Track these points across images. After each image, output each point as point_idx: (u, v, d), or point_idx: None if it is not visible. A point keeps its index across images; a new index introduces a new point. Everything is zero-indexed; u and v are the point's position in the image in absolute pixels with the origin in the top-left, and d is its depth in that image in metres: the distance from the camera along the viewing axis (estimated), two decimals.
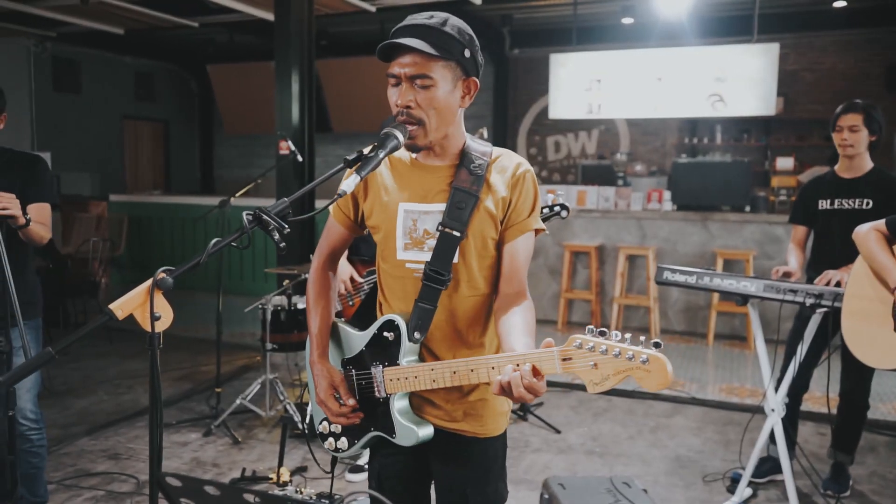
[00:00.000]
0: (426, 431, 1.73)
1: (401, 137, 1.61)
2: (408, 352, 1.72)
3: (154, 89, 11.96)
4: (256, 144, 12.50)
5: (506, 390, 1.44)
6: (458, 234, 1.69)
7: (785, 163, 7.22)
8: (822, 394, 4.99)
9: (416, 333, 1.71)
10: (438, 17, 1.66)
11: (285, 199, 1.45)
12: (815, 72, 9.45)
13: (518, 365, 1.43)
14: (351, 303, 3.58)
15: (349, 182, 1.52)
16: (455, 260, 1.71)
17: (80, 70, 10.66)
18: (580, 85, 7.71)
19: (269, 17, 7.71)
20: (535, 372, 1.42)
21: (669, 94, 7.36)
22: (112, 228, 9.11)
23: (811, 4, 8.34)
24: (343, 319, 1.95)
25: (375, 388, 1.76)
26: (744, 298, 3.24)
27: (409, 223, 1.74)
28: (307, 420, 1.97)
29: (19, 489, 2.80)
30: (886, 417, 4.71)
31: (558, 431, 4.47)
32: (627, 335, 1.33)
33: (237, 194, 4.51)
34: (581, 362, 1.36)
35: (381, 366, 1.74)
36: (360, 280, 3.53)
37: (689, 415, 4.86)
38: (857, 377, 3.55)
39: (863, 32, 9.07)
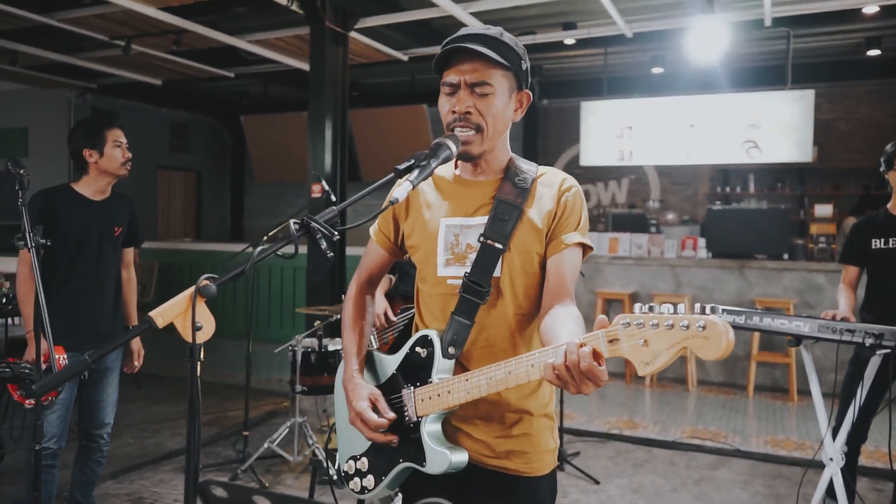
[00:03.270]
0: (459, 457, 1.58)
1: (453, 147, 1.55)
2: (441, 369, 1.60)
3: (188, 140, 12.23)
4: (286, 193, 12.64)
5: (562, 378, 1.28)
6: (500, 246, 1.60)
7: (823, 210, 7.07)
8: (875, 448, 4.77)
9: (450, 349, 1.60)
10: (494, 28, 1.65)
11: (333, 207, 1.39)
12: (850, 121, 9.36)
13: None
14: (385, 339, 3.49)
15: (401, 189, 1.45)
16: (497, 273, 1.62)
17: (118, 120, 10.94)
18: (611, 132, 7.69)
19: (304, 66, 7.88)
20: (595, 355, 1.26)
21: (702, 140, 7.30)
22: (143, 274, 9.17)
23: (844, 54, 8.30)
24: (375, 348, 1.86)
25: (406, 413, 1.63)
26: (797, 339, 3.09)
27: (450, 238, 1.67)
28: (335, 465, 1.84)
29: (74, 493, 3.17)
30: None
31: (597, 482, 4.26)
32: (681, 305, 1.20)
33: (269, 234, 4.48)
34: (629, 342, 1.22)
35: (412, 387, 1.63)
36: (395, 318, 3.45)
37: (735, 468, 4.63)
38: None
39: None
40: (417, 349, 1.64)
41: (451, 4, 5.81)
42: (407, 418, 1.63)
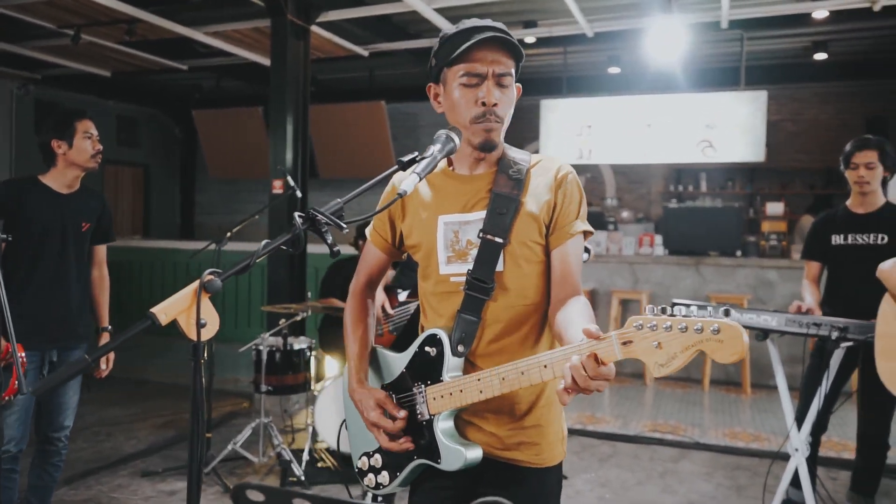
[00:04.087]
0: (474, 453, 1.59)
1: (457, 140, 1.54)
2: (452, 367, 1.60)
3: (136, 134, 11.85)
4: (240, 189, 12.38)
5: (577, 391, 1.28)
6: (500, 240, 1.59)
7: (775, 208, 7.28)
8: (826, 437, 4.92)
9: (459, 347, 1.60)
10: (496, 23, 1.63)
11: (339, 199, 1.35)
12: (797, 122, 9.66)
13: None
14: (380, 332, 3.45)
15: (409, 182, 1.42)
16: (500, 268, 1.61)
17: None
18: (571, 130, 7.76)
19: (262, 60, 7.73)
20: (597, 361, 1.26)
21: (660, 140, 7.43)
22: None
23: (793, 57, 8.55)
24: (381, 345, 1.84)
25: (418, 411, 1.63)
26: (764, 333, 3.16)
27: (450, 235, 1.65)
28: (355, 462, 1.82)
29: (31, 499, 3.07)
30: None
31: (565, 477, 4.29)
32: (693, 307, 1.22)
33: (233, 230, 4.36)
34: (643, 344, 1.23)
35: (422, 385, 1.62)
36: (392, 311, 3.43)
37: (696, 460, 4.72)
38: (875, 418, 3.46)
39: (842, 85, 9.32)
40: (427, 348, 1.63)
41: (415, 0, 5.77)
42: (419, 416, 1.62)
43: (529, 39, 7.40)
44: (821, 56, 8.08)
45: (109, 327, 3.16)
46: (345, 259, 5.29)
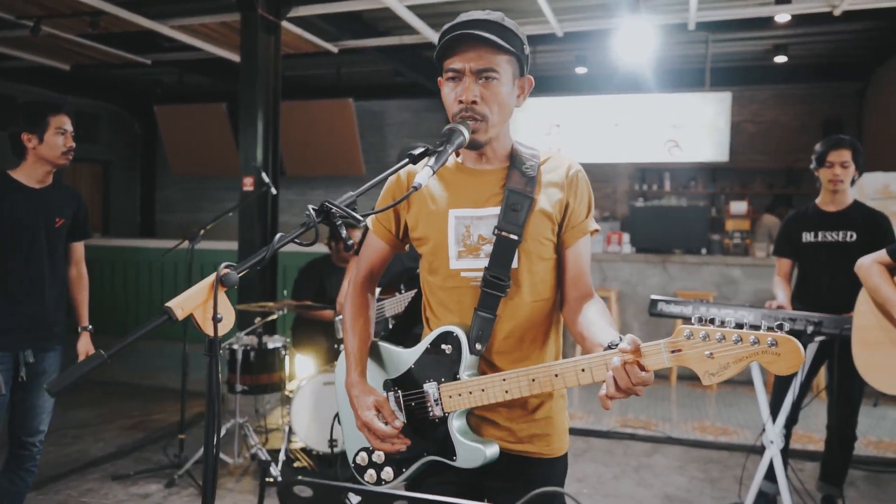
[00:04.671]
0: (493, 451, 1.59)
1: (466, 133, 1.53)
2: (468, 365, 1.59)
3: (95, 129, 11.54)
4: (204, 187, 12.16)
5: (619, 396, 1.33)
6: (515, 237, 1.59)
7: (738, 207, 7.44)
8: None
9: (476, 345, 1.59)
10: (495, 14, 1.61)
11: (351, 192, 1.33)
12: (757, 124, 9.89)
13: (625, 362, 1.32)
14: None
15: (423, 175, 1.41)
16: (514, 265, 1.61)
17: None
18: (540, 129, 7.82)
19: (229, 55, 7.60)
20: (641, 367, 1.31)
21: (627, 139, 7.54)
22: None
23: (756, 59, 8.76)
24: (381, 336, 1.81)
25: (429, 408, 1.61)
26: (722, 320, 3.22)
27: (461, 230, 1.64)
28: (350, 457, 1.79)
29: None
30: (862, 452, 4.76)
31: None
32: (745, 316, 1.25)
33: (207, 226, 4.28)
34: (693, 353, 1.27)
35: (435, 382, 1.60)
36: None
37: (669, 454, 4.80)
38: (845, 410, 3.56)
39: (801, 87, 9.58)
40: (442, 346, 1.61)
41: None
42: (431, 414, 1.61)
43: None
44: (781, 59, 8.29)
45: (89, 327, 3.08)
46: (317, 259, 5.25)
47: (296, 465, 4.26)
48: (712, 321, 1.27)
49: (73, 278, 3.11)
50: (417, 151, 1.47)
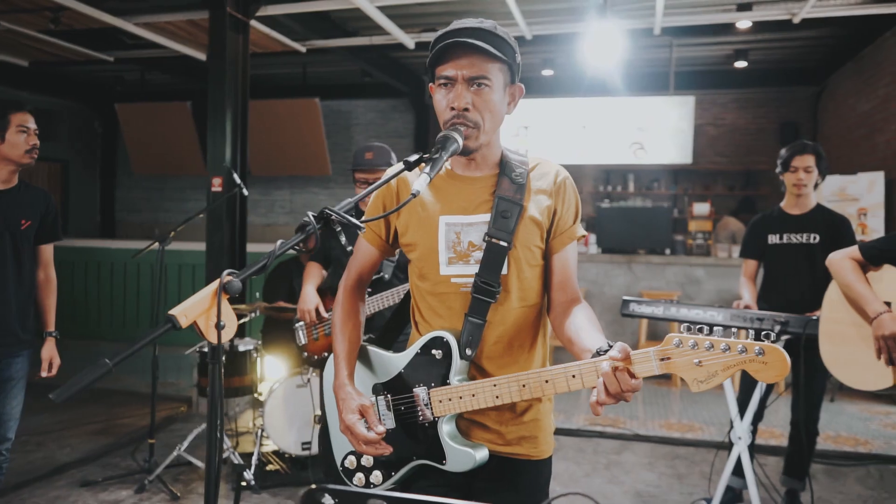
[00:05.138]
0: (482, 454, 1.61)
1: (460, 140, 1.54)
2: (459, 370, 1.61)
3: (53, 128, 11.26)
4: (166, 186, 11.96)
5: (608, 397, 1.35)
6: (505, 244, 1.62)
7: (701, 209, 7.61)
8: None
9: (467, 350, 1.61)
10: (488, 22, 1.63)
11: (349, 199, 1.34)
12: (718, 127, 10.11)
13: (615, 369, 1.35)
14: (315, 336, 3.38)
15: (420, 182, 1.42)
16: (504, 271, 1.64)
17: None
18: (508, 131, 7.88)
19: (194, 53, 7.50)
20: (631, 374, 1.34)
21: (594, 141, 7.65)
22: None
23: (717, 64, 8.96)
24: (371, 343, 1.82)
25: (419, 412, 1.63)
26: (710, 328, 3.30)
27: (451, 236, 1.66)
28: (339, 460, 1.79)
29: None
30: (820, 446, 4.91)
31: None
32: (733, 329, 1.30)
33: (178, 228, 4.22)
34: (682, 360, 1.31)
35: (426, 387, 1.62)
36: (326, 315, 3.35)
37: (637, 451, 4.89)
38: (808, 406, 3.68)
39: (759, 91, 9.82)
40: (433, 351, 1.62)
41: None
42: (420, 418, 1.62)
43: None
44: (741, 64, 8.50)
45: (55, 332, 3.01)
46: (286, 260, 5.22)
47: (268, 468, 4.24)
48: (700, 330, 1.31)
49: (41, 282, 3.05)
50: (413, 158, 1.48)
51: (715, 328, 1.31)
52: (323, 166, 10.14)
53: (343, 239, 1.23)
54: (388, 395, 1.69)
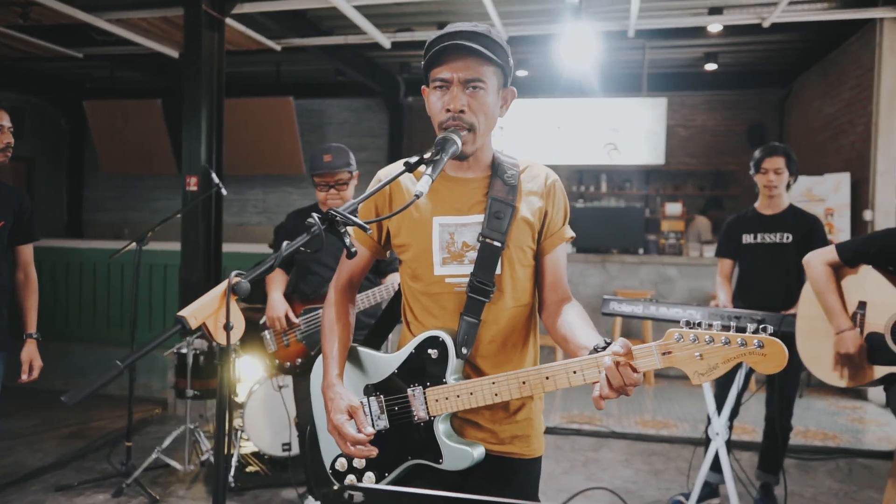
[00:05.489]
0: (479, 452, 1.64)
1: (459, 142, 1.57)
2: (455, 369, 1.63)
3: (18, 125, 10.96)
4: (135, 186, 11.77)
5: (611, 391, 1.38)
6: (498, 244, 1.65)
7: (673, 209, 7.74)
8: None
9: (462, 349, 1.63)
10: (482, 26, 1.66)
11: (352, 200, 1.35)
12: (688, 128, 10.28)
13: (618, 364, 1.38)
14: (286, 343, 3.34)
15: (423, 183, 1.44)
16: (498, 271, 1.66)
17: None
18: None
19: (167, 51, 7.40)
20: (632, 368, 1.38)
21: (569, 142, 7.72)
22: None
23: (688, 66, 9.11)
24: (363, 345, 1.82)
25: (414, 412, 1.64)
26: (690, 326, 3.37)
27: (445, 237, 1.68)
28: (329, 463, 1.79)
29: None
30: (790, 441, 5.01)
31: None
32: (732, 322, 1.34)
33: (155, 228, 4.17)
34: (683, 354, 1.34)
35: (421, 386, 1.64)
36: (296, 320, 3.31)
37: (614, 448, 4.96)
38: (782, 402, 3.77)
39: (728, 93, 10.01)
40: (429, 350, 1.63)
41: None
42: (415, 418, 1.63)
43: None
44: (711, 66, 8.65)
45: (36, 334, 2.96)
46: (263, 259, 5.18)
47: (248, 469, 4.21)
48: (699, 324, 1.35)
49: (20, 282, 2.99)
50: (414, 160, 1.50)
51: (714, 323, 1.35)
52: (296, 165, 10.08)
53: (347, 240, 1.23)
54: (381, 396, 1.70)
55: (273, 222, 11.55)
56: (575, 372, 1.46)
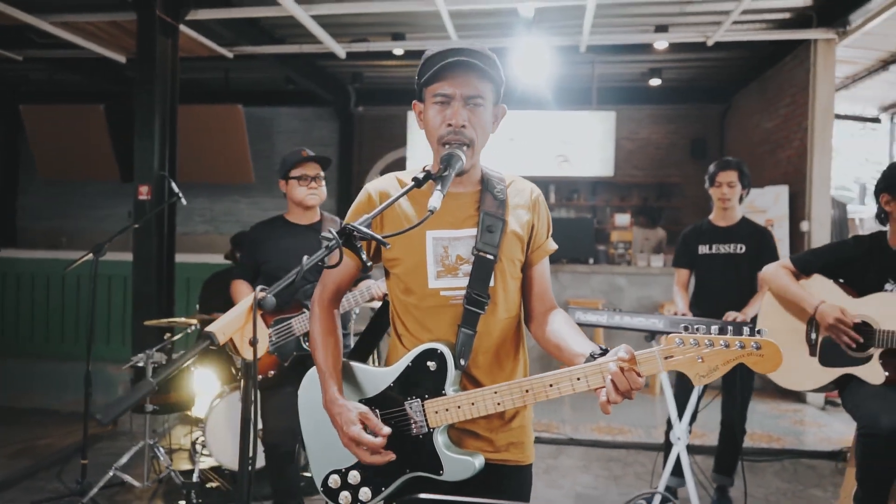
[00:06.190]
0: (480, 461, 1.66)
1: (464, 158, 1.61)
2: (453, 380, 1.65)
3: None
4: (75, 193, 11.33)
5: (617, 395, 1.44)
6: (491, 257, 1.70)
7: (622, 219, 7.95)
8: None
9: (461, 360, 1.66)
10: (477, 44, 1.71)
11: (366, 215, 1.37)
12: (633, 141, 10.57)
13: (623, 369, 1.43)
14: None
15: (434, 199, 1.47)
16: (492, 283, 1.71)
17: None
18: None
19: (115, 56, 7.22)
20: (637, 373, 1.44)
21: (521, 153, 7.84)
22: None
23: (633, 81, 9.38)
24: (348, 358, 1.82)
25: (412, 425, 1.66)
26: (651, 334, 3.48)
27: (439, 250, 1.71)
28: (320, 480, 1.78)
29: None
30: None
31: None
32: (729, 326, 1.41)
33: (112, 238, 4.06)
34: (685, 358, 1.41)
35: (419, 399, 1.65)
36: (269, 331, 3.28)
37: (572, 455, 5.06)
38: (736, 406, 3.92)
39: (671, 108, 10.35)
40: (428, 363, 1.65)
41: (293, 5, 5.68)
42: (414, 430, 1.65)
43: (398, 51, 7.52)
44: (656, 81, 8.94)
45: None
46: (221, 271, 5.10)
47: (208, 485, 4.12)
48: (697, 330, 1.41)
49: None
50: (422, 176, 1.53)
51: (713, 328, 1.42)
52: (245, 174, 9.92)
53: (363, 255, 1.25)
54: (377, 410, 1.70)
55: (220, 231, 11.32)
56: (579, 378, 1.51)
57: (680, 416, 3.64)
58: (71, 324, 7.80)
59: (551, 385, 1.54)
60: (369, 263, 1.38)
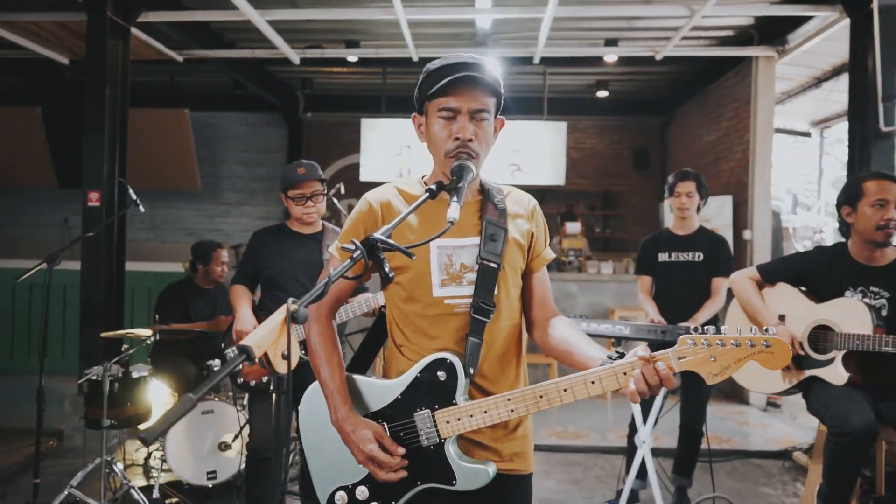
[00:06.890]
0: (493, 469, 1.67)
1: (475, 169, 1.63)
2: (464, 389, 1.66)
3: None
4: (18, 199, 10.75)
5: (646, 389, 1.47)
6: (495, 265, 1.72)
7: (573, 227, 8.11)
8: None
9: (470, 369, 1.67)
10: (477, 57, 1.73)
11: (385, 226, 1.37)
12: (579, 150, 10.80)
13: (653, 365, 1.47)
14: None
15: (452, 210, 1.48)
16: (496, 292, 1.72)
17: None
18: (391, 149, 7.98)
19: (58, 58, 6.97)
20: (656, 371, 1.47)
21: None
22: None
23: (580, 92, 9.60)
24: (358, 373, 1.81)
25: (422, 437, 1.65)
26: (618, 340, 3.57)
27: (444, 259, 1.72)
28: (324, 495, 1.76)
29: None
30: None
31: None
32: (739, 327, 1.46)
33: (68, 247, 3.91)
34: (697, 356, 1.46)
35: (428, 410, 1.65)
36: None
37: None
38: (694, 409, 4.05)
39: (616, 119, 10.63)
40: (438, 373, 1.65)
41: (250, 9, 5.59)
42: (425, 442, 1.64)
43: (352, 58, 7.50)
44: (602, 93, 9.17)
45: None
46: (176, 282, 4.98)
47: (168, 502, 4.00)
48: (707, 331, 1.47)
49: None
50: (435, 188, 1.55)
51: (723, 329, 1.48)
52: (191, 180, 9.68)
53: (386, 267, 1.25)
54: (384, 424, 1.69)
55: (162, 239, 11.00)
56: (593, 382, 1.54)
57: (645, 419, 3.74)
58: (22, 337, 7.49)
59: (565, 390, 1.57)
60: (392, 275, 1.38)
